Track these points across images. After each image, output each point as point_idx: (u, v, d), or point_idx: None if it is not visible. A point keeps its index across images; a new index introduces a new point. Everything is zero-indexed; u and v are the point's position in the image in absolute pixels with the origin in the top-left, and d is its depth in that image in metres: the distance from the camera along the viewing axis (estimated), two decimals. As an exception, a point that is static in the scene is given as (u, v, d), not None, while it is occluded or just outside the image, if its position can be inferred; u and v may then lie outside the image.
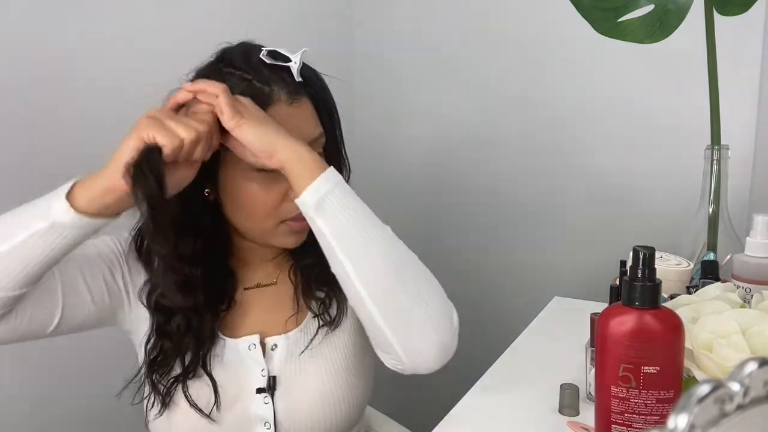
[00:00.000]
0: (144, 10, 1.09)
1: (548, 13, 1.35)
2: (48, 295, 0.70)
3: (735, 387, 0.30)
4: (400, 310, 0.69)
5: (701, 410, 0.28)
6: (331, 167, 0.69)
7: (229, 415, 0.77)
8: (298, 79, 0.74)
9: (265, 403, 0.77)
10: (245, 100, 0.69)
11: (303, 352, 0.79)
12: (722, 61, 0.93)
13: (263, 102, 0.72)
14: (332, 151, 0.80)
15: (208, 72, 0.75)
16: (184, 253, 0.74)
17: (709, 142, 0.95)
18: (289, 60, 0.74)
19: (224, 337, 0.79)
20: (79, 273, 0.74)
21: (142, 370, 0.78)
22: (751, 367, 0.30)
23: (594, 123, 1.35)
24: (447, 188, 1.54)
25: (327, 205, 0.67)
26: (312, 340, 0.79)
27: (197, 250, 0.76)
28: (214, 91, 0.67)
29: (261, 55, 0.73)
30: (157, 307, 0.77)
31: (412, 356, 0.70)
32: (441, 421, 0.72)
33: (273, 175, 0.72)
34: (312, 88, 0.76)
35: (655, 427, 0.50)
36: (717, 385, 0.29)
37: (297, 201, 0.68)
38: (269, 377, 0.78)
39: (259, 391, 0.77)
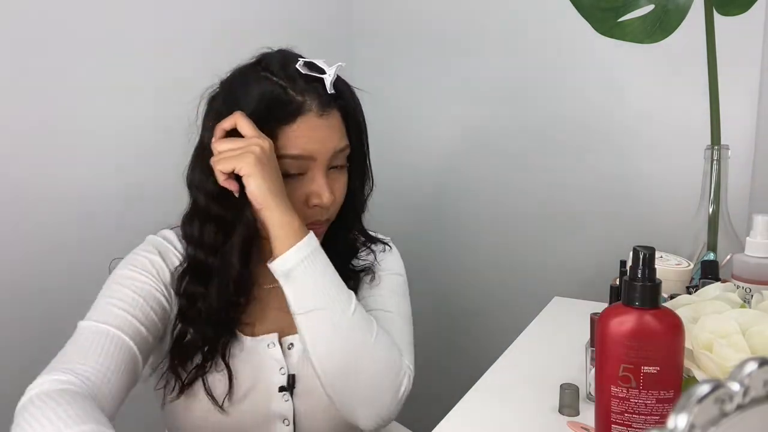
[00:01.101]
0: (142, 8, 1.09)
1: (548, 14, 1.35)
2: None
3: (735, 387, 0.30)
4: (345, 386, 0.74)
5: (701, 410, 0.28)
6: (309, 236, 0.74)
7: (242, 409, 0.78)
8: (330, 91, 0.76)
9: (285, 401, 0.79)
10: (268, 146, 0.72)
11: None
12: (722, 61, 0.93)
13: (295, 111, 0.74)
14: (357, 164, 0.83)
15: (246, 71, 0.78)
16: (206, 241, 0.77)
17: (709, 142, 0.95)
18: (323, 72, 0.76)
19: (243, 336, 0.79)
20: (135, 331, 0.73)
21: (167, 356, 0.78)
22: (751, 367, 0.30)
23: (593, 123, 1.35)
24: (446, 189, 1.54)
25: (296, 273, 0.72)
26: None
27: (218, 240, 0.77)
28: (256, 140, 0.72)
29: (297, 65, 0.75)
30: (182, 293, 0.78)
31: (349, 417, 0.76)
32: (441, 421, 0.72)
33: (295, 180, 0.76)
34: (343, 101, 0.78)
35: (655, 427, 0.50)
36: (717, 385, 0.29)
37: (270, 265, 0.73)
38: (288, 375, 0.79)
39: (281, 389, 0.78)
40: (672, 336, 0.55)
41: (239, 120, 0.73)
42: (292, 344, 0.81)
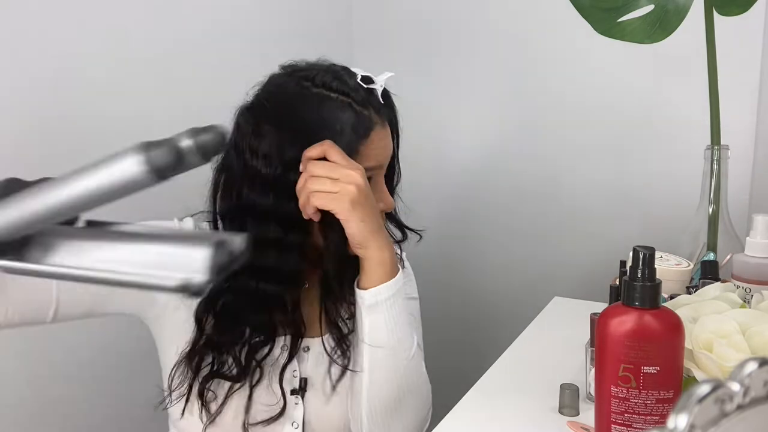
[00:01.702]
0: (142, 8, 1.09)
1: (547, 14, 1.35)
2: (40, 293, 0.68)
3: (735, 387, 0.30)
4: (384, 419, 0.77)
5: (701, 410, 0.28)
6: (399, 274, 0.75)
7: (258, 412, 0.77)
8: (382, 101, 0.77)
9: (296, 404, 0.78)
10: (363, 181, 0.71)
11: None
12: (722, 61, 0.93)
13: (367, 126, 0.74)
14: (390, 163, 0.83)
15: (296, 92, 0.74)
16: (285, 271, 0.76)
17: (709, 142, 0.95)
18: (374, 82, 0.77)
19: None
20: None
21: (180, 376, 0.77)
22: (751, 367, 0.30)
23: (593, 123, 1.35)
24: (445, 189, 1.54)
25: (379, 308, 0.74)
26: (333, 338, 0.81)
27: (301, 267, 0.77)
28: (351, 177, 0.70)
29: (358, 80, 0.76)
30: (224, 321, 0.77)
31: None
32: (441, 421, 0.72)
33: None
34: (389, 109, 0.80)
35: (655, 427, 0.50)
36: (717, 385, 0.29)
37: (359, 292, 0.75)
38: (300, 379, 0.79)
39: (293, 392, 0.78)
40: (672, 336, 0.55)
41: (330, 150, 0.71)
42: (308, 347, 0.80)
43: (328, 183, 0.70)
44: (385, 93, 0.79)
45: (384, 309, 0.74)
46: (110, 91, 1.05)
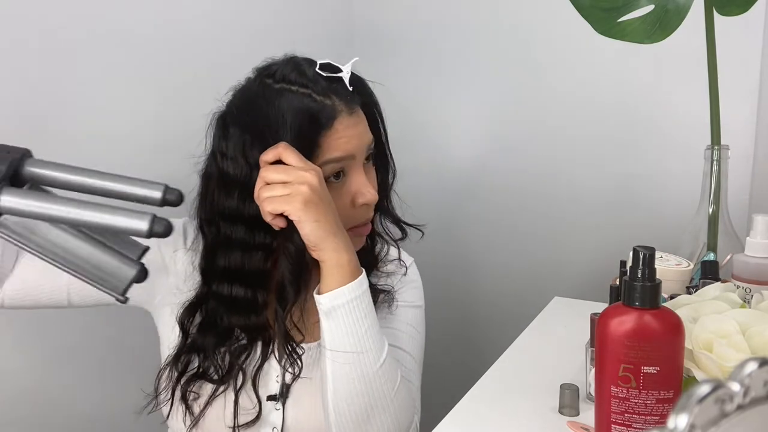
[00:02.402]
0: (143, 8, 1.09)
1: (547, 14, 1.35)
2: (50, 273, 0.74)
3: (735, 387, 0.30)
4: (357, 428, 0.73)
5: (701, 410, 0.28)
6: (360, 277, 0.72)
7: (239, 416, 0.77)
8: (350, 88, 0.76)
9: (276, 409, 0.78)
10: (317, 181, 0.69)
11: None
12: (722, 61, 0.93)
13: (330, 116, 0.73)
14: (380, 153, 0.83)
15: (259, 89, 0.75)
16: (250, 271, 0.76)
17: (709, 142, 0.95)
18: (340, 70, 0.75)
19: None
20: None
21: (166, 380, 0.79)
22: (751, 367, 0.30)
23: (593, 123, 1.35)
24: (445, 189, 1.54)
25: (337, 313, 0.71)
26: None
27: (266, 269, 0.77)
28: (304, 177, 0.69)
29: (317, 69, 0.74)
30: (204, 329, 0.78)
31: None
32: (441, 421, 0.72)
33: (338, 184, 0.76)
34: (362, 95, 0.78)
35: (655, 427, 0.50)
36: (717, 385, 0.29)
37: (316, 296, 0.72)
38: (282, 384, 0.78)
39: (270, 398, 0.78)
40: (672, 336, 0.55)
41: (284, 153, 0.70)
42: (303, 351, 0.80)
43: (280, 187, 0.69)
44: (356, 79, 0.78)
45: (343, 313, 0.70)
46: (110, 91, 1.05)
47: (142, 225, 0.53)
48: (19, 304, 0.77)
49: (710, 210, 0.94)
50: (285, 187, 0.69)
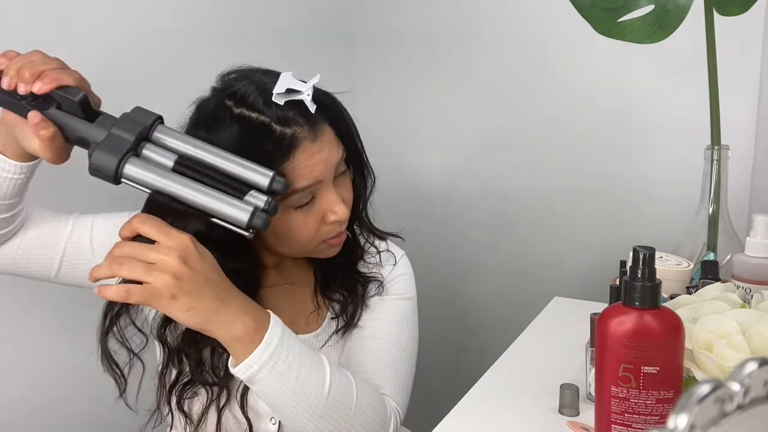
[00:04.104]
0: (143, 8, 1.09)
1: (547, 14, 1.35)
2: (49, 247, 0.76)
3: (735, 387, 0.30)
4: None
5: (701, 410, 0.28)
6: (266, 337, 0.65)
7: (238, 408, 0.78)
8: (313, 109, 0.71)
9: (273, 425, 0.78)
10: (178, 258, 0.60)
11: (321, 348, 0.81)
12: (722, 61, 0.93)
13: (289, 147, 0.69)
14: (356, 164, 0.81)
15: (216, 111, 0.72)
16: None
17: (709, 142, 0.95)
18: (299, 92, 0.71)
19: None
20: (88, 234, 0.78)
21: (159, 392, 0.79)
22: (751, 367, 0.30)
23: (593, 123, 1.35)
24: (446, 189, 1.54)
25: (258, 378, 0.65)
26: (330, 337, 0.81)
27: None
28: (165, 264, 0.60)
29: (273, 98, 0.70)
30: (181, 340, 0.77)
31: None
32: (441, 421, 0.72)
33: (308, 206, 0.74)
34: (328, 112, 0.75)
35: (655, 427, 0.50)
36: (717, 385, 0.29)
37: (232, 370, 0.66)
38: None
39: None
40: (672, 336, 0.55)
41: (140, 228, 0.61)
42: None
43: (140, 269, 0.59)
44: (321, 96, 0.74)
45: (264, 376, 0.64)
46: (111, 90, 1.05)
47: (243, 216, 0.61)
48: (8, 270, 0.77)
49: (710, 210, 0.94)
50: (147, 273, 0.59)
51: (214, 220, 0.63)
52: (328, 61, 1.48)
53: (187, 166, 0.64)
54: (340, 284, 0.83)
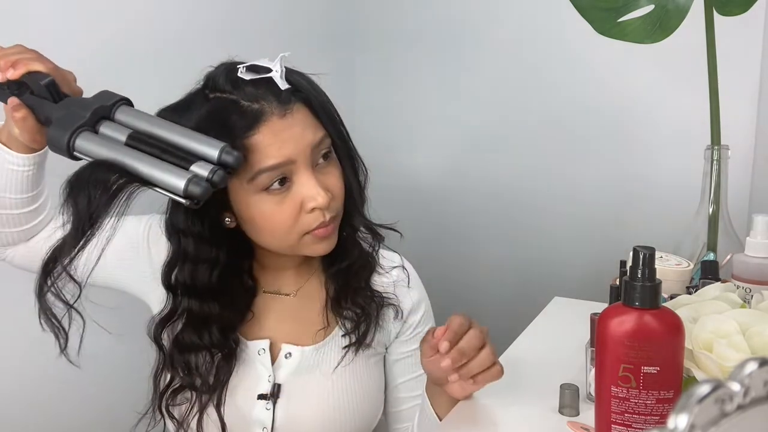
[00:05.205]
0: (143, 8, 1.09)
1: (547, 13, 1.35)
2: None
3: (735, 387, 0.30)
4: None
5: (701, 410, 0.28)
6: None
7: (229, 413, 0.78)
8: (284, 87, 0.70)
9: (267, 409, 0.78)
10: None
11: (335, 369, 0.80)
12: (722, 61, 0.93)
13: (254, 120, 0.69)
14: (343, 152, 0.78)
15: (194, 98, 0.74)
16: (199, 286, 0.76)
17: (709, 142, 0.95)
18: (269, 70, 0.70)
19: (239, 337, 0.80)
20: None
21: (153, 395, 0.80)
22: (751, 367, 0.30)
23: (593, 123, 1.35)
24: (447, 189, 1.54)
25: None
26: (341, 359, 0.81)
27: (212, 283, 0.76)
28: None
29: (239, 74, 0.70)
30: (175, 345, 0.78)
31: None
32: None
33: (283, 191, 0.71)
34: (303, 92, 0.73)
35: (655, 427, 0.50)
36: (717, 385, 0.29)
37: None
38: (274, 384, 0.78)
39: (261, 397, 0.78)
40: (672, 336, 0.55)
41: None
42: (290, 354, 0.80)
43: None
44: (295, 78, 0.73)
45: None
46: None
47: (179, 182, 0.62)
48: (26, 266, 0.79)
49: (710, 210, 0.94)
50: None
51: (156, 189, 0.65)
52: (328, 63, 1.48)
53: (140, 140, 0.66)
54: (353, 301, 0.82)
